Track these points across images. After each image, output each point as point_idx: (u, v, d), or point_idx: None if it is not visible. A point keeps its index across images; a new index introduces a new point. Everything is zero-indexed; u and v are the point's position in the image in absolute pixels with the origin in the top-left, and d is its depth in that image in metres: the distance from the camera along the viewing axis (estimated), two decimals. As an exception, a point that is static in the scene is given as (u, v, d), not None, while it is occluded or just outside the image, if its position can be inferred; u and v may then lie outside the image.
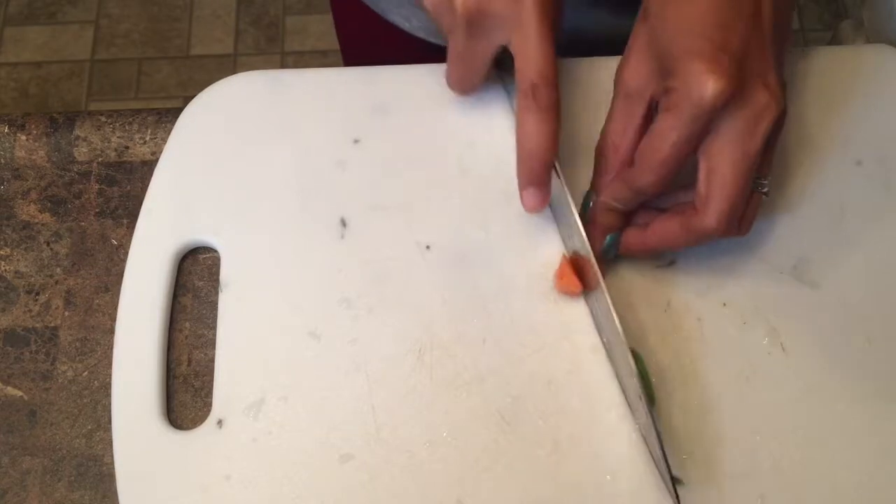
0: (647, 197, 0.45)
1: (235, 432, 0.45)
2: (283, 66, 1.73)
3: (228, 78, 0.55)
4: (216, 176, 0.52)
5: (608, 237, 0.47)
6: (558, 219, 0.50)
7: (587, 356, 0.47)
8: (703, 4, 0.41)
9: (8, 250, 0.52)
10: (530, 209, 0.47)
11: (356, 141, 0.53)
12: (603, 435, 0.45)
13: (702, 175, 0.43)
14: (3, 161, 0.55)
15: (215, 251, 0.51)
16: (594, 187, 0.48)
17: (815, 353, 0.47)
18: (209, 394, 0.47)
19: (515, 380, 0.46)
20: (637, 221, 0.48)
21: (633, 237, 0.47)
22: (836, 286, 0.49)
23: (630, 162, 0.46)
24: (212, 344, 0.48)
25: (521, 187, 0.47)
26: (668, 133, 0.42)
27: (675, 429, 0.45)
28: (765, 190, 0.45)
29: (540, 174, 0.46)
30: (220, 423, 0.46)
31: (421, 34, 0.65)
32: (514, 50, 0.46)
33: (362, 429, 0.45)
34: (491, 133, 0.52)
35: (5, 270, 0.52)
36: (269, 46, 1.75)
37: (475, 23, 0.45)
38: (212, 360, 0.48)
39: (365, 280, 0.49)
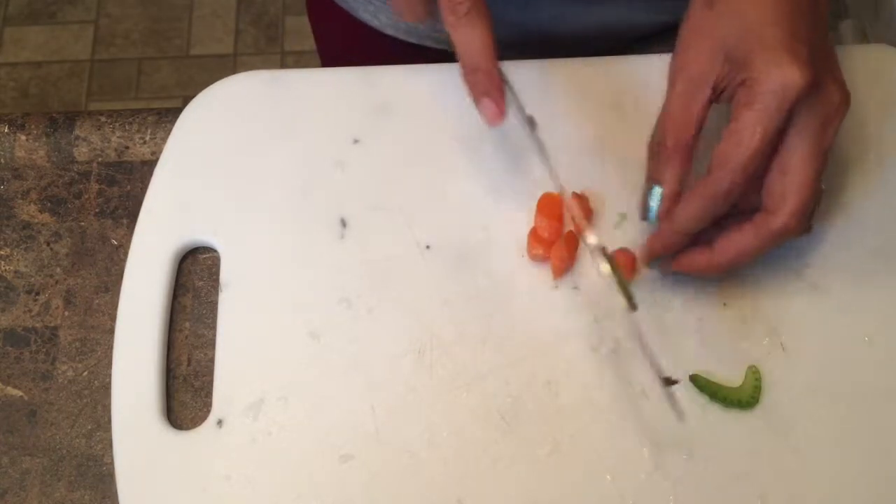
0: (729, 204, 0.43)
1: (235, 432, 0.45)
2: (283, 66, 1.73)
3: (228, 78, 0.55)
4: (216, 176, 0.52)
5: (655, 260, 0.46)
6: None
7: (586, 356, 0.47)
8: None
9: (8, 250, 0.52)
10: (490, 120, 0.46)
11: (356, 141, 0.53)
12: (603, 435, 0.45)
13: (775, 174, 0.42)
14: (3, 161, 0.55)
15: (215, 251, 0.51)
16: (656, 178, 0.45)
17: (815, 353, 0.47)
18: (209, 394, 0.47)
19: (515, 380, 0.46)
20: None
21: (700, 259, 0.45)
22: (837, 286, 0.49)
23: (692, 151, 0.44)
24: (212, 344, 0.48)
25: (476, 102, 0.46)
26: (755, 127, 0.40)
27: (676, 428, 0.45)
28: (822, 186, 0.44)
29: (485, 83, 0.45)
30: (220, 423, 0.46)
31: (389, 31, 0.65)
32: None
33: (362, 429, 0.45)
34: (491, 132, 0.52)
35: (5, 270, 0.52)
36: (269, 46, 1.75)
37: None
38: (212, 360, 0.48)
39: (365, 280, 0.49)
